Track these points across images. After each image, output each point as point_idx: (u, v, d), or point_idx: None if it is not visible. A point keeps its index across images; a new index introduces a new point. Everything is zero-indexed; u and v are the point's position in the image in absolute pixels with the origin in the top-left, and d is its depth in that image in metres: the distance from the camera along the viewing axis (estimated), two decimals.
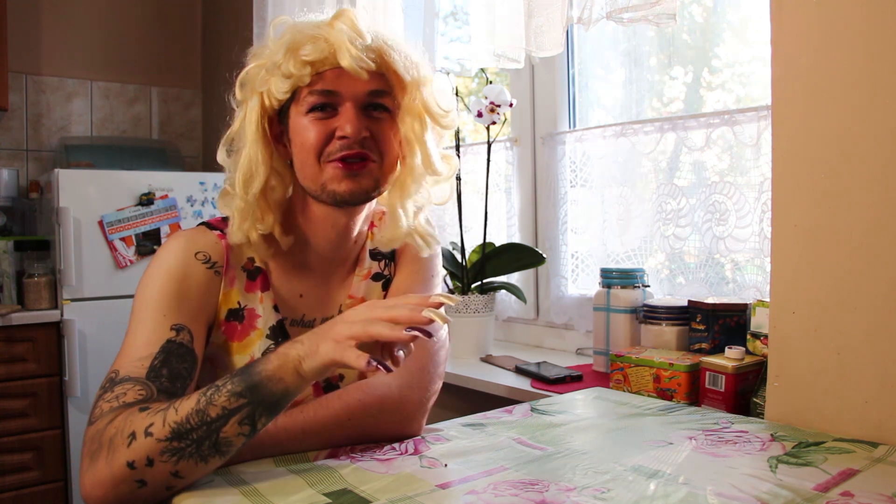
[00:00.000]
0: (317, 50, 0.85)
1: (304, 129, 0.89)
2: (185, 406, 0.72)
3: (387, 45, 0.89)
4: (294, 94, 0.89)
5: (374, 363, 0.69)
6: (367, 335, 0.71)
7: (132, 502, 0.71)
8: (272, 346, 0.95)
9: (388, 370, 0.71)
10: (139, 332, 0.84)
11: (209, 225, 0.96)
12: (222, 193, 0.95)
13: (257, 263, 0.96)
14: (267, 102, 0.90)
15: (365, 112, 0.90)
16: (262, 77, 0.89)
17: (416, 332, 0.70)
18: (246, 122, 0.91)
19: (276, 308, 0.96)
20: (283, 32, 0.90)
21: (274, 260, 0.97)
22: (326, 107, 0.88)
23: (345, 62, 0.84)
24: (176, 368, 0.82)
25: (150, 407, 0.73)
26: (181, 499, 0.72)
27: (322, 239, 0.97)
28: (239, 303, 0.94)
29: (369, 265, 1.03)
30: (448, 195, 1.04)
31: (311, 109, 0.88)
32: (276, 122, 0.93)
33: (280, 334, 0.96)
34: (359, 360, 0.69)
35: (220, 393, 0.72)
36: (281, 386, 0.73)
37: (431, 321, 0.71)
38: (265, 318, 0.95)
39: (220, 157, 0.95)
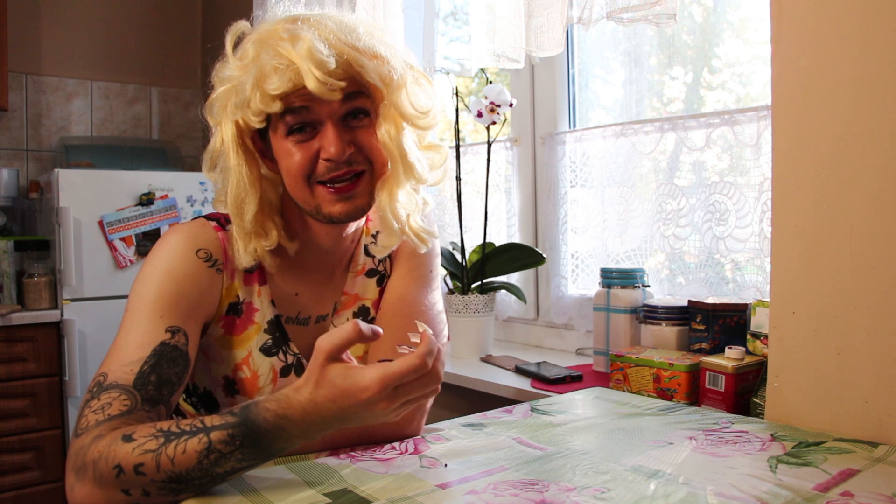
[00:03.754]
0: (283, 81, 0.80)
1: (288, 153, 0.86)
2: (183, 461, 0.69)
3: (354, 51, 0.83)
4: (269, 118, 0.86)
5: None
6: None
7: None
8: (269, 341, 0.95)
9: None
10: (132, 333, 0.82)
11: (208, 217, 0.95)
12: (215, 201, 0.94)
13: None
14: (242, 125, 0.87)
15: (345, 124, 0.86)
16: (232, 107, 0.85)
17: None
18: (225, 146, 0.88)
19: (272, 303, 0.96)
20: (244, 48, 0.85)
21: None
22: (305, 127, 0.85)
23: (311, 86, 0.79)
24: (166, 374, 0.80)
25: (135, 437, 0.70)
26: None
27: (316, 244, 0.96)
28: (238, 296, 0.93)
29: (364, 261, 1.02)
30: (441, 177, 0.99)
31: (290, 132, 0.85)
32: (258, 139, 0.90)
33: (277, 329, 0.96)
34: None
35: (229, 460, 0.70)
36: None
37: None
38: (262, 312, 0.95)
39: (205, 172, 0.93)
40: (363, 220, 1.02)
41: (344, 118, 0.86)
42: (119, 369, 0.79)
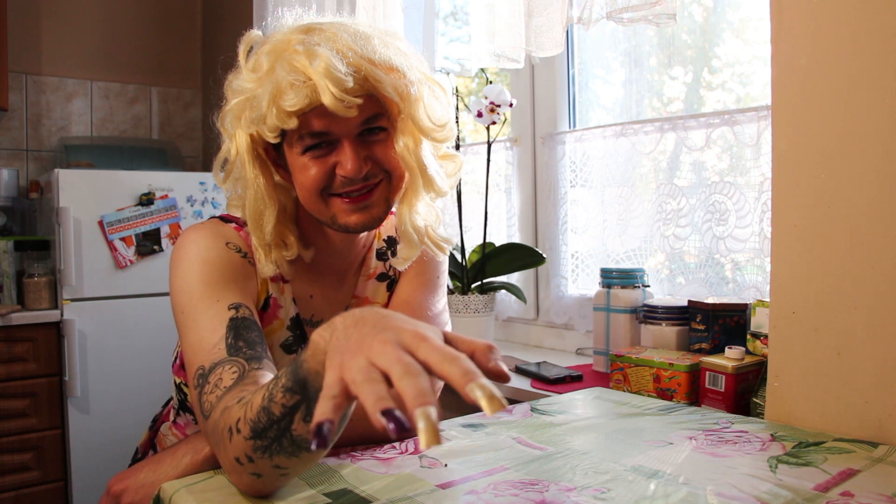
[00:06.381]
0: (300, 97, 0.78)
1: (304, 167, 0.85)
2: (256, 402, 0.66)
3: (370, 65, 0.81)
4: (283, 132, 0.85)
5: (388, 421, 0.47)
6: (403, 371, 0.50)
7: (262, 488, 0.69)
8: (290, 338, 0.96)
9: (405, 430, 0.47)
10: (200, 325, 0.81)
11: (222, 218, 0.95)
12: (228, 205, 0.94)
13: None
14: (256, 136, 0.86)
15: (362, 139, 0.85)
16: (247, 121, 0.84)
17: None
18: (239, 157, 0.87)
19: (294, 301, 0.97)
20: (258, 59, 0.84)
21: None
22: (322, 144, 0.84)
23: (328, 102, 0.78)
24: (248, 337, 0.80)
25: (245, 396, 0.70)
26: (180, 497, 0.72)
27: (331, 249, 0.97)
28: (268, 290, 0.94)
29: (375, 265, 1.03)
30: (453, 184, 1.00)
31: (306, 150, 0.84)
32: (272, 150, 0.90)
33: (298, 328, 0.97)
34: (375, 407, 0.48)
35: (278, 388, 0.64)
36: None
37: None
38: (286, 309, 0.96)
39: (217, 179, 0.92)
40: None
41: (360, 134, 0.85)
42: (208, 355, 0.78)
